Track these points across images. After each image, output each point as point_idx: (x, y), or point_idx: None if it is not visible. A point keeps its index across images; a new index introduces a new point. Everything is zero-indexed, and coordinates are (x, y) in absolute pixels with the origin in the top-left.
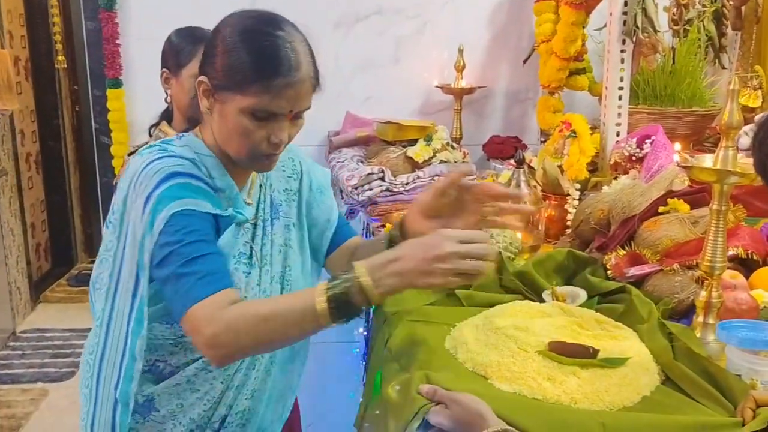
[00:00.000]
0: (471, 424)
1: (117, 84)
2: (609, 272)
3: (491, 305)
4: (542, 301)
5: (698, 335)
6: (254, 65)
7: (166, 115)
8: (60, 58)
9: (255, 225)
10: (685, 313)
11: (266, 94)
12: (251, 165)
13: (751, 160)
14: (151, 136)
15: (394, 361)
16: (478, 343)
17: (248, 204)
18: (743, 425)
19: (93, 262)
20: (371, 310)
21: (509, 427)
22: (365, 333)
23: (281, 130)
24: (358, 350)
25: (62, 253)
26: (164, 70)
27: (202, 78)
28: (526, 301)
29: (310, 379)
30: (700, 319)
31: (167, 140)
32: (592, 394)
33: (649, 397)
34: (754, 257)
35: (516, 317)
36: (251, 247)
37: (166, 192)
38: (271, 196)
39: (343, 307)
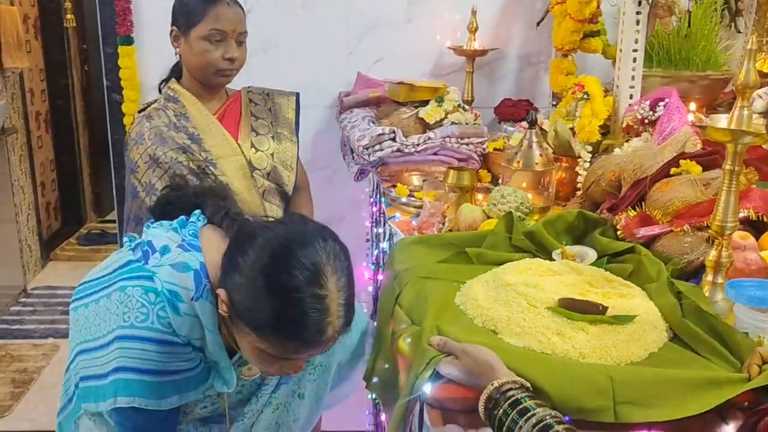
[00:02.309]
0: (481, 374)
1: (128, 41)
2: (619, 233)
3: (501, 263)
4: (552, 260)
5: (707, 294)
6: (274, 322)
7: (176, 71)
8: (69, 16)
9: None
10: (694, 273)
11: (280, 348)
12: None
13: (764, 122)
14: (161, 92)
15: (404, 315)
16: (488, 299)
17: (245, 378)
18: (749, 380)
19: (102, 221)
20: (381, 268)
21: (519, 378)
22: (373, 293)
23: (294, 369)
24: (366, 310)
25: (72, 213)
26: (174, 28)
27: (222, 294)
28: (537, 258)
29: None
30: (709, 278)
31: (186, 285)
32: (601, 349)
33: (656, 353)
34: (765, 219)
35: (526, 274)
36: (224, 407)
37: (123, 385)
38: None
39: None
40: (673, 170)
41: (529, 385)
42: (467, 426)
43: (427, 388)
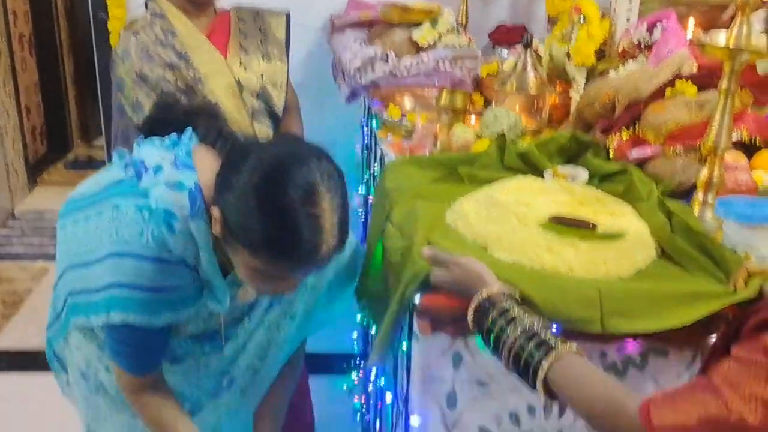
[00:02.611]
0: (471, 284)
1: None
2: (611, 154)
3: (493, 183)
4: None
5: (696, 213)
6: (268, 241)
7: None
8: None
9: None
10: (684, 195)
11: (274, 266)
12: None
13: (763, 40)
14: (146, 8)
15: (395, 230)
16: (479, 216)
17: (241, 300)
18: (735, 294)
19: (89, 146)
20: (371, 189)
21: (507, 287)
22: (363, 218)
23: (289, 288)
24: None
25: (58, 138)
26: None
27: (215, 212)
28: (528, 176)
29: None
30: (700, 196)
31: (181, 204)
32: (590, 264)
33: (644, 270)
34: (757, 142)
35: (518, 193)
36: (219, 325)
37: (117, 301)
38: None
39: None
40: (668, 91)
41: (517, 294)
42: (456, 335)
43: (417, 298)
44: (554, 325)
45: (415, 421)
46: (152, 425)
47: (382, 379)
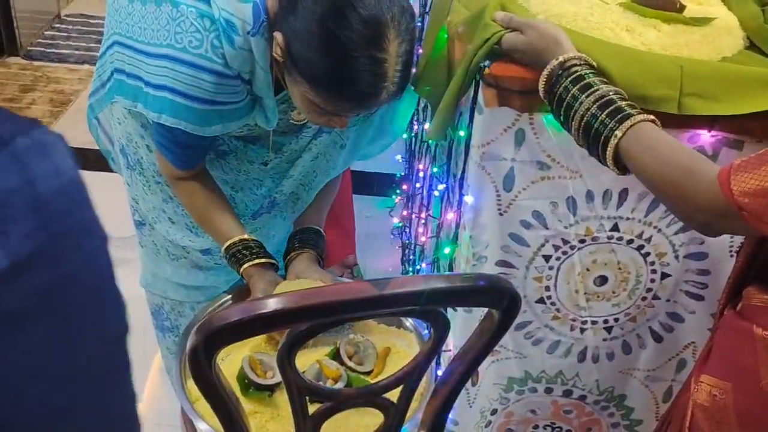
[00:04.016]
0: (545, 50)
1: None
2: None
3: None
4: None
5: None
6: (327, 77)
7: None
8: None
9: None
10: None
11: (330, 103)
12: None
13: None
14: None
15: (463, 8)
16: None
17: (293, 121)
18: None
19: None
20: None
21: (584, 55)
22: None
23: (341, 124)
24: None
25: None
26: None
27: (278, 37)
28: None
29: None
30: None
31: (244, 18)
32: (672, 47)
33: (730, 57)
34: None
35: None
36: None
37: (170, 105)
38: None
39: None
40: None
41: (595, 63)
42: (522, 109)
43: (486, 64)
44: None
45: (468, 200)
46: (189, 209)
47: (434, 167)
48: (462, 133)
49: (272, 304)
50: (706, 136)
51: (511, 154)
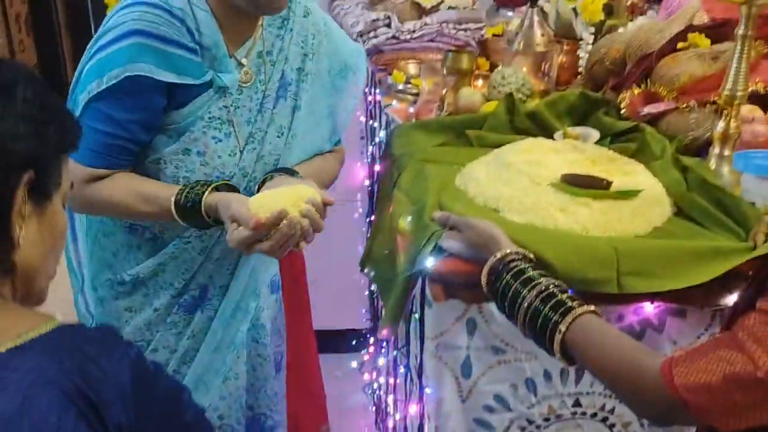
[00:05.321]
0: (484, 247)
1: None
2: (623, 112)
3: (502, 145)
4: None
5: (713, 167)
6: None
7: None
8: None
9: (242, 93)
10: (698, 151)
11: None
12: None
13: None
14: None
15: (404, 196)
16: (490, 178)
17: (242, 65)
18: (754, 249)
19: None
20: (381, 153)
21: (522, 249)
22: (370, 188)
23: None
24: (361, 210)
25: None
26: None
27: None
28: (539, 137)
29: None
30: (716, 150)
31: None
32: (605, 223)
33: (661, 227)
34: None
35: (528, 153)
36: (231, 117)
37: (124, 50)
38: (283, 71)
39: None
40: (680, 44)
41: (532, 256)
42: (470, 300)
43: (429, 263)
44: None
45: (429, 391)
46: (115, 202)
47: (394, 351)
48: (415, 326)
49: None
50: (649, 308)
51: (465, 342)
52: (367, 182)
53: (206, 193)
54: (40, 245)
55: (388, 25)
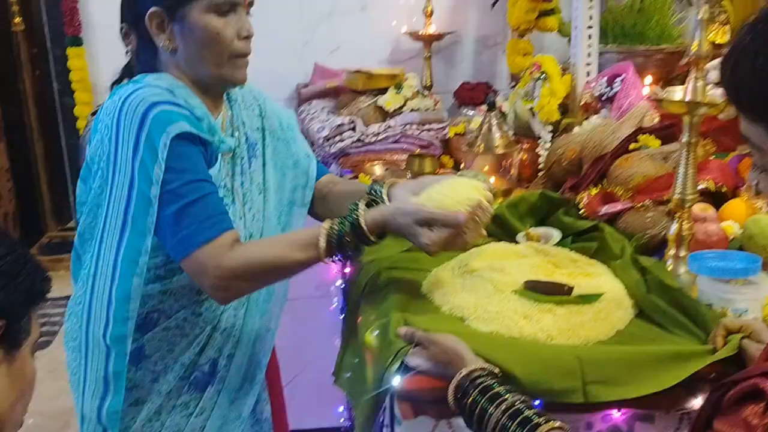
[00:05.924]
0: (449, 363)
1: (77, 42)
2: (582, 211)
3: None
4: (517, 243)
5: (670, 268)
6: None
7: (128, 72)
8: (17, 20)
9: (233, 160)
10: (657, 248)
11: None
12: (230, 73)
13: (719, 92)
14: None
15: (371, 307)
16: (454, 286)
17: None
18: (714, 352)
19: (63, 230)
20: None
21: (487, 365)
22: (343, 286)
23: (245, 21)
24: (336, 304)
25: (31, 223)
26: (156, 9)
27: (152, 10)
28: (501, 242)
29: (289, 335)
30: (672, 252)
31: (136, 79)
32: (568, 329)
33: (623, 330)
34: (723, 190)
35: (491, 259)
36: (232, 183)
37: (160, 115)
38: (246, 134)
39: (339, 244)
40: (632, 145)
41: (497, 370)
42: (439, 417)
43: (396, 381)
44: (536, 401)
45: None
46: (262, 273)
47: None
48: None
49: None
50: (617, 415)
51: None
52: (339, 282)
53: (360, 214)
54: (9, 394)
55: (353, 129)
